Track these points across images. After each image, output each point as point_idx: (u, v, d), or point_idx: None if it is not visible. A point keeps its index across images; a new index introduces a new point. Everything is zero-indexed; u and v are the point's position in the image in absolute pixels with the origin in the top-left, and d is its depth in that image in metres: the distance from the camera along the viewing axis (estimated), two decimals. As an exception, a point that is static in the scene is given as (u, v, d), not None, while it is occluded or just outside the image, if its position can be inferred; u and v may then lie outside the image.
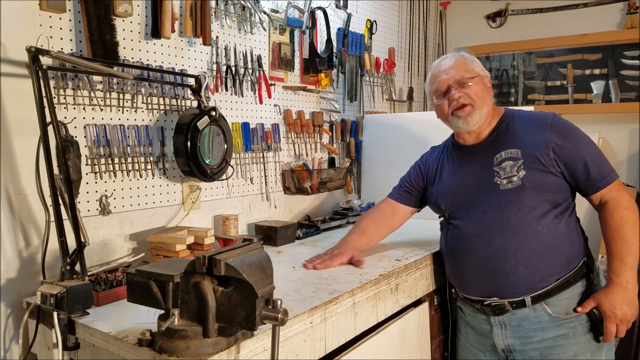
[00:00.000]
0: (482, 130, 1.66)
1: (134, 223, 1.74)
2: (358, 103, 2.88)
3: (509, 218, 1.54)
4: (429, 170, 1.83)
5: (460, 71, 1.62)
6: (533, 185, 1.52)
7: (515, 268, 1.53)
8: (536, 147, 1.54)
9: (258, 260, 1.03)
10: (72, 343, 1.23)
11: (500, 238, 1.55)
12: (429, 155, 1.89)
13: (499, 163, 1.58)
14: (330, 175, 2.51)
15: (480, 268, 1.59)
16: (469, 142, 1.70)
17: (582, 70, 3.16)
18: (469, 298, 1.68)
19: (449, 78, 1.62)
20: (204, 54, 1.96)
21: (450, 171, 1.74)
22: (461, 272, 1.68)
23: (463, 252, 1.63)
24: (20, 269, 1.44)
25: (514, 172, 1.54)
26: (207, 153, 1.82)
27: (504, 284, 1.56)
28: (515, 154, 1.56)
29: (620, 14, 3.05)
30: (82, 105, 1.58)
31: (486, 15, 3.49)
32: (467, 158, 1.69)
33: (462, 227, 1.64)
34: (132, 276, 1.06)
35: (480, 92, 1.62)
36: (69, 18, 1.53)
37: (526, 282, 1.54)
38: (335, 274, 1.57)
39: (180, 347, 1.00)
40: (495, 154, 1.60)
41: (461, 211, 1.66)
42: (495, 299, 1.59)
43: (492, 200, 1.57)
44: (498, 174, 1.58)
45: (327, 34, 2.49)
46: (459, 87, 1.61)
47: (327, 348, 1.36)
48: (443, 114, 1.67)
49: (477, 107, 1.60)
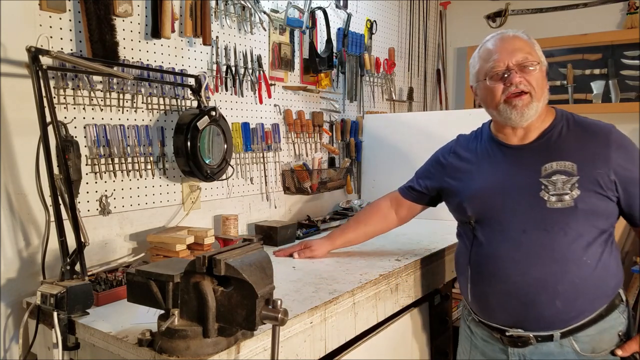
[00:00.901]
0: (531, 130, 1.41)
1: (134, 223, 1.74)
2: (358, 103, 2.88)
3: (552, 243, 1.32)
4: (453, 164, 1.58)
5: (523, 52, 1.37)
6: (586, 209, 1.30)
7: (551, 302, 1.32)
8: (596, 165, 1.32)
9: (258, 260, 1.03)
10: (72, 343, 1.23)
11: (539, 266, 1.33)
12: (455, 146, 1.61)
13: (548, 175, 1.34)
14: (330, 175, 2.51)
15: (510, 297, 1.37)
16: (512, 142, 1.44)
17: (582, 70, 3.16)
18: (487, 324, 1.46)
19: (510, 57, 1.36)
20: (204, 54, 1.96)
21: (486, 171, 1.47)
22: (485, 297, 1.44)
23: (492, 276, 1.40)
24: (20, 269, 1.44)
25: (567, 190, 1.31)
26: (207, 153, 1.82)
27: (534, 318, 1.36)
28: (570, 169, 1.33)
29: (620, 14, 3.05)
30: (82, 105, 1.58)
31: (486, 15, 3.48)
32: (508, 160, 1.44)
33: (493, 244, 1.40)
34: (132, 276, 1.06)
35: (542, 81, 1.38)
36: (69, 18, 1.53)
37: (560, 318, 1.34)
38: (335, 274, 1.57)
39: (180, 347, 1.00)
40: (544, 163, 1.36)
41: (493, 224, 1.41)
42: (520, 331, 1.38)
43: (534, 219, 1.34)
44: (546, 188, 1.34)
45: (327, 34, 2.49)
46: (519, 71, 1.36)
47: (327, 348, 1.36)
48: (493, 100, 1.40)
49: (535, 99, 1.36)
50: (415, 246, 1.94)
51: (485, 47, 1.43)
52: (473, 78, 1.49)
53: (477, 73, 1.46)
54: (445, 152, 1.63)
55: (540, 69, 1.38)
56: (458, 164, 1.56)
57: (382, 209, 1.77)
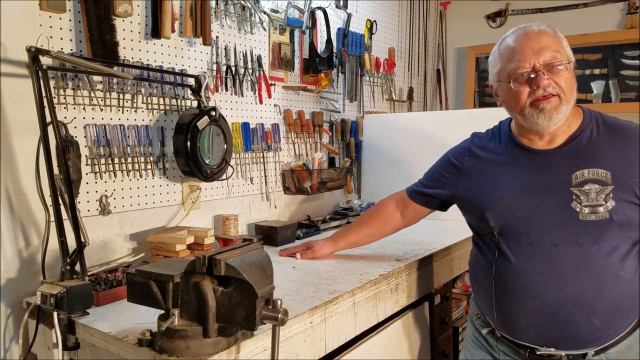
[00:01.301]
0: (558, 134, 1.29)
1: (134, 223, 1.74)
2: (358, 103, 2.88)
3: (587, 258, 1.21)
4: (471, 167, 1.43)
5: (550, 50, 1.23)
6: (622, 221, 1.20)
7: (589, 321, 1.21)
8: (631, 173, 1.21)
9: (258, 260, 1.03)
10: (72, 343, 1.23)
11: (575, 282, 1.22)
12: (471, 146, 1.46)
13: (579, 184, 1.23)
14: (330, 175, 2.52)
15: (542, 315, 1.26)
16: (538, 146, 1.31)
17: (582, 70, 3.16)
18: (515, 342, 1.34)
19: (537, 57, 1.22)
20: (204, 54, 1.96)
21: (510, 177, 1.33)
22: (513, 315, 1.32)
23: (521, 293, 1.28)
24: (20, 269, 1.44)
25: (601, 201, 1.20)
26: (207, 153, 1.82)
27: (569, 337, 1.25)
28: (604, 177, 1.22)
29: (620, 14, 3.05)
30: (82, 105, 1.58)
31: (486, 15, 3.49)
32: (534, 166, 1.31)
33: (522, 259, 1.28)
34: (132, 276, 1.06)
35: (571, 82, 1.25)
36: (69, 18, 1.53)
37: (598, 336, 1.24)
38: (335, 274, 1.57)
39: (180, 347, 1.00)
40: (575, 171, 1.24)
41: (521, 236, 1.29)
42: (552, 350, 1.27)
43: (566, 232, 1.23)
44: (578, 199, 1.23)
45: (327, 34, 2.49)
46: (547, 72, 1.22)
47: (327, 348, 1.36)
48: (517, 104, 1.27)
49: (564, 101, 1.23)
50: (416, 246, 1.94)
51: (507, 44, 1.29)
52: (493, 77, 1.36)
53: (498, 73, 1.32)
54: (459, 153, 1.48)
55: (571, 68, 1.25)
56: (476, 167, 1.42)
57: (387, 210, 1.68)
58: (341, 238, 1.77)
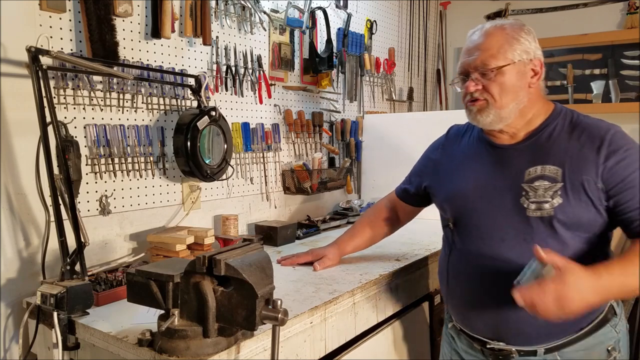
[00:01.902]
0: (518, 130, 1.29)
1: (134, 223, 1.74)
2: (358, 103, 2.88)
3: (531, 254, 1.14)
4: (440, 160, 1.49)
5: (485, 55, 1.23)
6: (567, 220, 1.19)
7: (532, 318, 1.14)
8: (582, 171, 1.18)
9: (258, 260, 1.03)
10: (72, 343, 1.23)
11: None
12: (445, 141, 1.52)
13: (531, 180, 1.22)
14: (330, 175, 2.52)
15: (489, 309, 1.27)
16: (501, 141, 1.32)
17: (582, 70, 3.16)
18: (468, 334, 1.37)
19: (469, 62, 1.26)
20: (204, 54, 1.96)
21: (470, 170, 1.37)
22: (463, 306, 1.36)
23: (470, 286, 1.31)
24: (20, 269, 1.44)
25: (547, 198, 1.20)
26: (207, 153, 1.82)
27: (515, 332, 1.26)
28: (554, 174, 1.20)
29: (620, 14, 3.05)
30: (82, 105, 1.58)
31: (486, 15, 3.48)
32: (492, 161, 1.33)
33: (471, 251, 1.32)
34: (132, 276, 1.07)
35: (509, 85, 1.23)
36: (69, 18, 1.53)
37: (544, 333, 1.24)
38: (335, 274, 1.57)
39: (180, 347, 1.00)
40: (529, 167, 1.24)
41: (471, 229, 1.32)
42: (501, 344, 1.29)
43: (514, 227, 1.24)
44: (526, 194, 1.22)
45: (327, 34, 2.49)
46: (479, 76, 1.25)
47: (327, 348, 1.36)
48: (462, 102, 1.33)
49: (494, 106, 1.24)
50: (416, 246, 1.94)
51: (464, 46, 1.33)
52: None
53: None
54: (435, 147, 1.55)
55: (513, 70, 1.24)
56: (445, 160, 1.46)
57: (384, 212, 1.71)
58: (347, 243, 1.73)
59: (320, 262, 1.65)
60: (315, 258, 1.67)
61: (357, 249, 1.74)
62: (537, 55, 1.27)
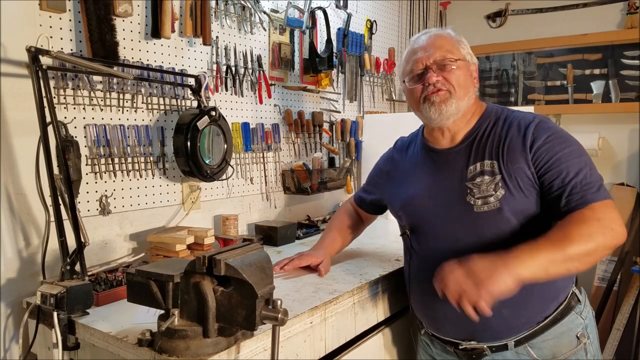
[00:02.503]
0: (458, 131, 1.36)
1: (134, 223, 1.74)
2: (358, 103, 2.88)
3: (486, 249, 1.18)
4: (390, 172, 1.55)
5: (442, 51, 1.32)
6: (513, 209, 1.23)
7: (497, 311, 1.15)
8: (514, 159, 1.25)
9: (258, 260, 1.03)
10: (72, 343, 1.23)
11: None
12: (393, 152, 1.60)
13: (472, 178, 1.28)
14: (330, 175, 2.52)
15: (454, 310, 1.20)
16: (441, 145, 1.39)
17: (582, 70, 3.16)
18: (440, 338, 1.40)
19: (428, 57, 1.32)
20: (204, 54, 1.96)
21: (417, 178, 1.43)
22: (430, 310, 1.38)
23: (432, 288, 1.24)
24: (20, 269, 1.44)
25: (490, 191, 1.25)
26: (207, 153, 1.82)
27: (482, 328, 1.29)
28: (491, 167, 1.27)
29: (620, 14, 3.05)
30: (82, 105, 1.58)
31: (486, 15, 3.49)
32: (436, 166, 1.39)
33: (429, 254, 1.35)
34: (132, 276, 1.06)
35: (463, 79, 1.32)
36: (69, 18, 1.53)
37: (509, 325, 1.28)
38: (335, 274, 1.57)
39: (180, 347, 1.00)
40: (470, 165, 1.30)
41: (427, 233, 1.37)
42: (473, 343, 1.33)
43: (465, 225, 1.28)
44: (471, 192, 1.27)
45: (327, 34, 2.49)
46: (438, 70, 1.31)
47: (327, 348, 1.36)
48: (414, 101, 1.36)
49: (455, 97, 1.30)
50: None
51: (409, 48, 1.39)
52: (400, 81, 1.45)
53: (401, 75, 1.42)
54: (386, 159, 1.62)
55: (464, 66, 1.33)
56: (395, 171, 1.53)
57: (348, 220, 1.74)
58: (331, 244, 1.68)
59: (324, 265, 1.57)
60: (317, 261, 1.58)
61: (341, 249, 1.74)
62: (475, 61, 1.40)
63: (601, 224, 1.13)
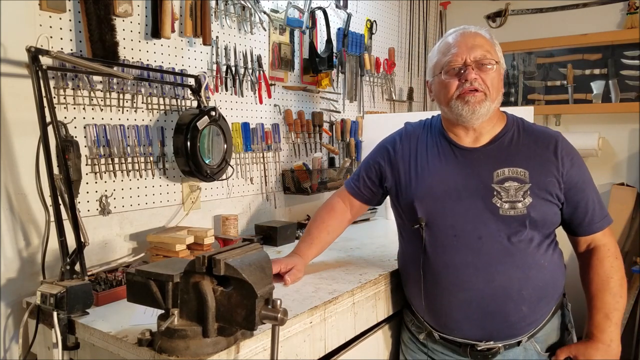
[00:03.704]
0: (484, 133, 1.38)
1: (134, 223, 1.74)
2: (358, 103, 2.88)
3: (510, 249, 1.29)
4: (403, 156, 1.48)
5: (482, 50, 1.32)
6: (538, 216, 1.30)
7: (518, 308, 1.30)
8: (546, 173, 1.32)
9: (258, 260, 1.03)
10: (72, 343, 1.23)
11: (502, 273, 1.29)
12: (403, 136, 1.52)
13: (500, 181, 1.32)
14: (330, 175, 2.52)
15: (475, 307, 1.32)
16: (464, 143, 1.40)
17: (582, 70, 3.16)
18: (454, 341, 1.39)
19: (469, 53, 1.31)
20: (204, 54, 1.96)
21: (438, 169, 1.40)
22: (446, 310, 1.37)
23: (452, 285, 1.33)
24: (20, 269, 1.44)
25: (519, 198, 1.30)
26: (207, 153, 1.82)
27: (503, 327, 1.33)
28: (522, 176, 1.31)
29: (620, 14, 3.05)
30: (82, 105, 1.58)
31: (486, 15, 3.49)
32: (460, 162, 1.38)
33: (448, 251, 1.34)
34: (132, 276, 1.06)
35: (497, 82, 1.34)
36: (69, 18, 1.53)
37: (527, 322, 1.34)
38: (334, 274, 1.57)
39: (180, 347, 1.00)
40: (497, 169, 1.33)
41: (446, 229, 1.34)
42: (491, 343, 1.34)
43: (488, 225, 1.31)
44: (498, 195, 1.31)
45: (327, 34, 2.49)
46: (476, 68, 1.32)
47: (327, 348, 1.36)
48: (446, 96, 1.35)
49: (489, 99, 1.32)
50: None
51: (446, 41, 1.38)
52: (429, 72, 1.44)
53: (433, 67, 1.41)
54: (393, 141, 1.52)
55: (498, 69, 1.35)
56: (407, 156, 1.46)
57: (337, 213, 1.62)
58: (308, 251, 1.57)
59: (290, 274, 1.46)
60: (286, 268, 1.47)
61: (317, 254, 1.61)
62: (504, 66, 1.41)
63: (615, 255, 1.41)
